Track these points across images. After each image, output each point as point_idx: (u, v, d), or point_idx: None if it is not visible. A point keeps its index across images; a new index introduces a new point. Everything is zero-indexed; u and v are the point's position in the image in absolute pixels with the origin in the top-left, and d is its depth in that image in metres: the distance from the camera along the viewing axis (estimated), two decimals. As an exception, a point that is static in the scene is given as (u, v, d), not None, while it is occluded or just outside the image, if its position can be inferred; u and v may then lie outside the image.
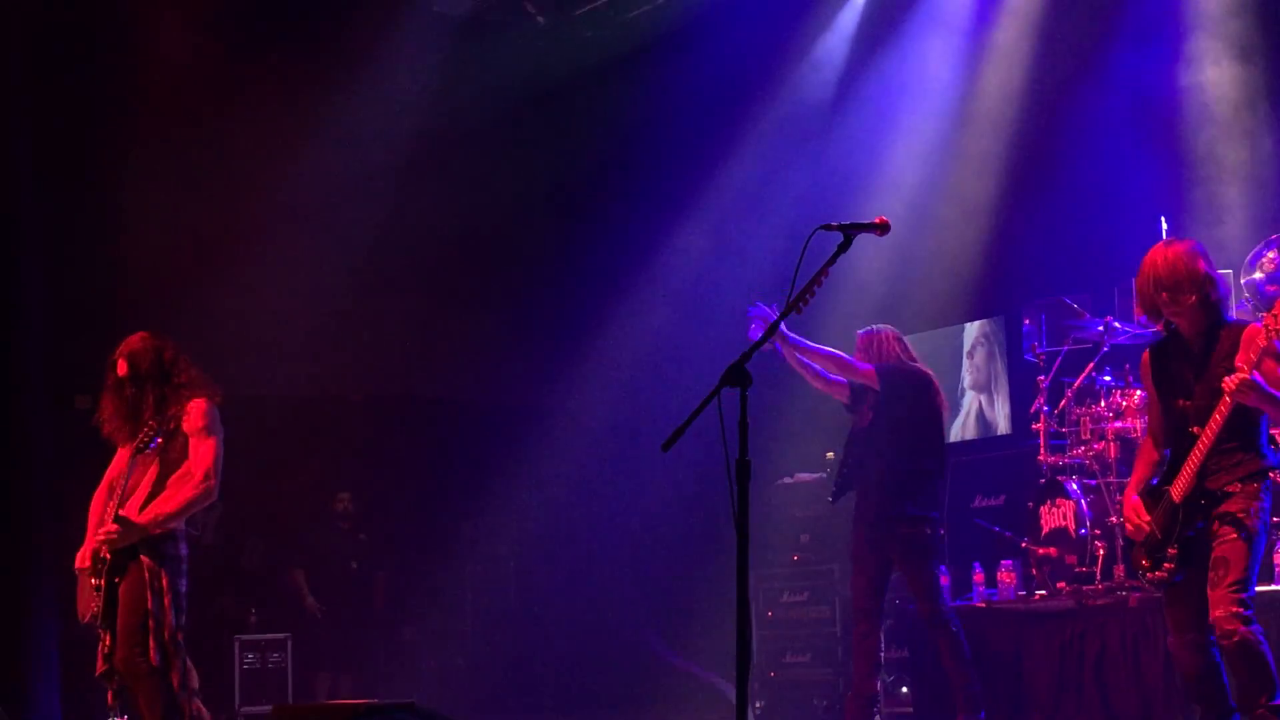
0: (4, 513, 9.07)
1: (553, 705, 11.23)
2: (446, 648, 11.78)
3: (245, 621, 11.05)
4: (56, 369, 9.57)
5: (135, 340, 6.80)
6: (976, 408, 10.63)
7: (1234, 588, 5.52)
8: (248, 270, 10.79)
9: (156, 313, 10.33)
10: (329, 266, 11.05)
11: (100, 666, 6.67)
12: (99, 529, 6.56)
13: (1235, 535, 5.56)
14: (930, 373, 7.99)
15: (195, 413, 6.63)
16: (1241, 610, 5.51)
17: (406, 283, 11.31)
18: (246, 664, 10.60)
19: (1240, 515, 5.58)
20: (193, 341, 8.64)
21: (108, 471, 6.90)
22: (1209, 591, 5.58)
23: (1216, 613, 5.54)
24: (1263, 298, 7.81)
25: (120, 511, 6.50)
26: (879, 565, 7.76)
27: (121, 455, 6.86)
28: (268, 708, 9.95)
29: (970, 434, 10.62)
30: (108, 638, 6.60)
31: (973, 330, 10.65)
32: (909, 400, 7.73)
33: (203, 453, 6.59)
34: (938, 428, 7.89)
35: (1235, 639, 5.51)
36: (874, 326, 8.01)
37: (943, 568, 8.66)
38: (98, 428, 6.86)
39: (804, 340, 7.61)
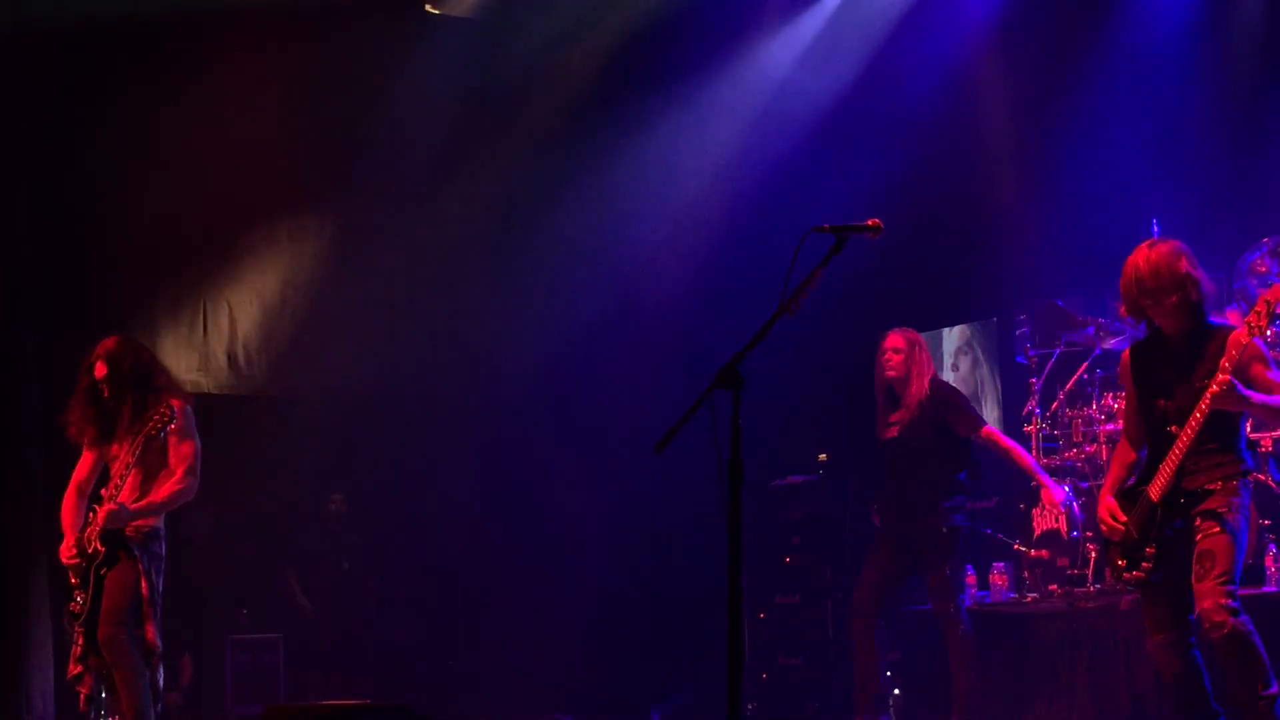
0: None
1: (544, 707, 11.22)
2: (438, 649, 11.76)
3: (237, 621, 11.03)
4: (50, 369, 9.56)
5: (111, 343, 6.91)
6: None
7: (1221, 579, 5.52)
8: (245, 271, 10.78)
9: (153, 311, 10.36)
10: (320, 270, 11.05)
11: (72, 670, 6.73)
12: (100, 510, 6.67)
13: (1219, 529, 5.57)
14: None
15: (175, 414, 6.72)
16: (1229, 601, 5.51)
17: (402, 283, 11.31)
18: (238, 664, 10.59)
19: (1221, 510, 5.59)
20: (188, 340, 8.69)
21: (74, 474, 6.99)
22: (1195, 584, 5.58)
23: (1205, 604, 5.54)
24: (1254, 302, 7.82)
25: (119, 498, 6.65)
26: (896, 569, 7.93)
27: (87, 458, 6.96)
28: (259, 708, 9.94)
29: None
30: (81, 639, 6.68)
31: (954, 337, 10.63)
32: (949, 416, 7.91)
33: (184, 452, 6.78)
34: (970, 442, 8.00)
35: (1225, 630, 5.51)
36: (908, 330, 8.12)
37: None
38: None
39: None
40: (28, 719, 8.84)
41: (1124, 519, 5.76)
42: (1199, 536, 5.61)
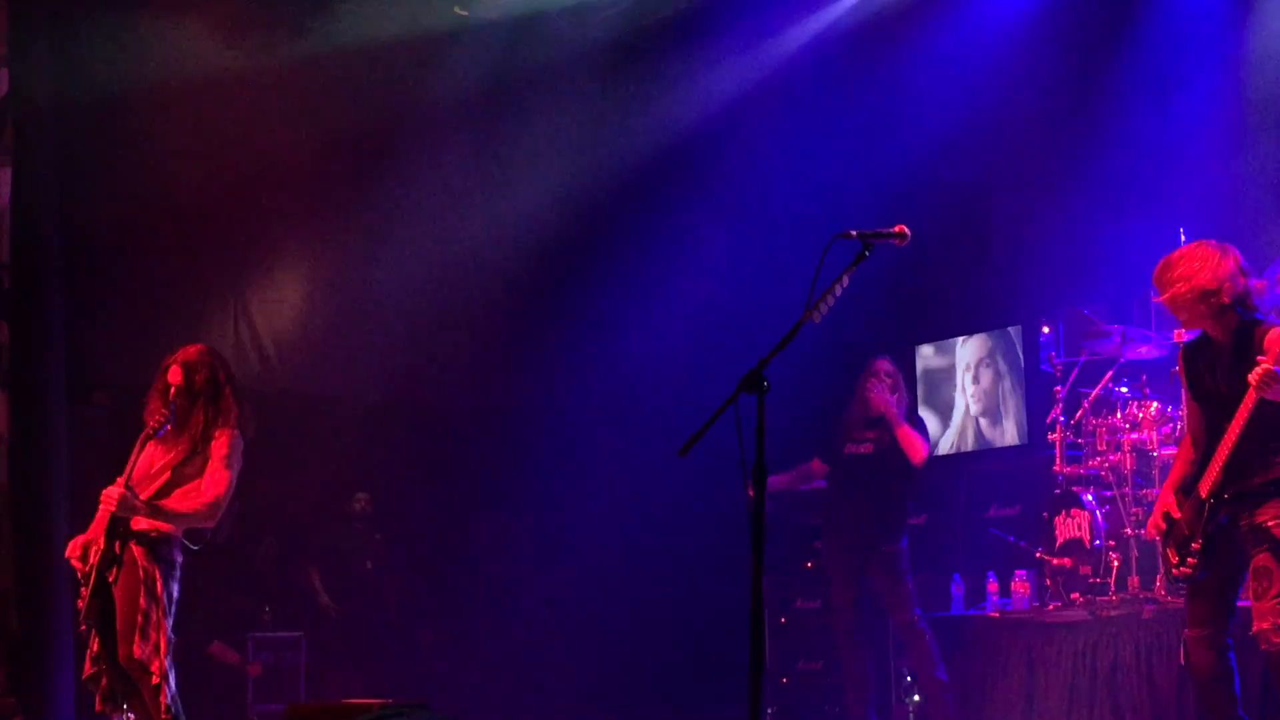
0: (22, 510, 9.10)
1: (565, 707, 11.24)
2: (460, 649, 11.79)
3: (259, 619, 11.08)
4: (75, 364, 9.60)
5: (193, 351, 6.71)
6: (975, 425, 10.61)
7: (1279, 598, 5.52)
8: (265, 269, 10.82)
9: (174, 309, 10.41)
10: (349, 269, 11.08)
11: (87, 669, 6.62)
12: (104, 491, 6.45)
13: (1275, 543, 5.56)
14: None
15: (223, 440, 6.59)
16: None
17: (425, 287, 11.34)
18: (260, 661, 10.63)
19: (1276, 523, 5.58)
20: (213, 339, 8.70)
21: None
22: (1253, 602, 5.59)
23: (1263, 625, 5.55)
24: (1280, 309, 7.80)
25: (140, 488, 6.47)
26: (862, 582, 8.33)
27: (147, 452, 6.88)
28: (280, 706, 9.97)
29: (969, 445, 10.61)
30: (95, 641, 6.59)
31: (971, 348, 10.58)
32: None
33: (217, 480, 6.56)
34: (919, 471, 8.48)
35: None
36: (884, 360, 8.58)
37: (956, 576, 8.83)
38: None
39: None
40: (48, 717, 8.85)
41: (1178, 516, 5.77)
42: (1252, 550, 5.60)
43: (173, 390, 6.62)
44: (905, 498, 8.37)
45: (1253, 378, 5.48)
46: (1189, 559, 5.70)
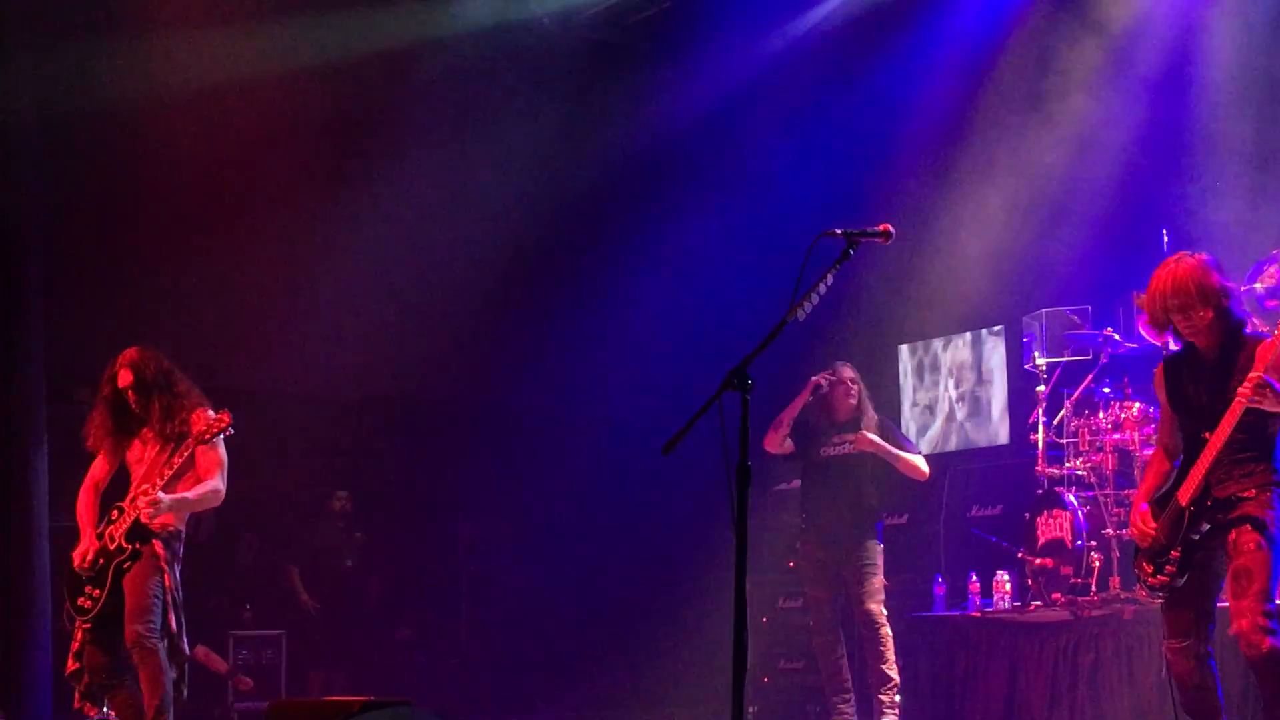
0: (2, 506, 9.09)
1: (546, 705, 11.23)
2: (440, 647, 11.78)
3: (240, 618, 11.05)
4: (56, 362, 9.58)
5: (132, 352, 6.95)
6: (957, 426, 10.63)
7: (1259, 598, 5.50)
8: (245, 267, 10.78)
9: (155, 307, 10.37)
10: (328, 269, 11.05)
11: (70, 666, 6.72)
12: (138, 499, 6.67)
13: (1255, 546, 5.54)
14: None
15: (200, 422, 6.75)
16: (1268, 621, 5.50)
17: (404, 285, 11.32)
18: (241, 660, 10.61)
19: (1259, 525, 5.57)
20: (193, 337, 8.70)
21: (91, 473, 6.99)
22: (1232, 602, 5.57)
23: (1242, 624, 5.52)
24: (1263, 311, 7.82)
25: (161, 489, 6.64)
26: (838, 578, 8.42)
27: (104, 457, 6.96)
28: (261, 704, 9.95)
29: (951, 446, 10.63)
30: (80, 636, 6.66)
31: (952, 352, 10.58)
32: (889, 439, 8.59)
33: (212, 459, 6.80)
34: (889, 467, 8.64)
35: (1264, 649, 5.49)
36: (846, 366, 8.71)
37: (938, 576, 8.88)
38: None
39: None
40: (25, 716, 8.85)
41: (1154, 525, 5.75)
42: (1233, 550, 5.58)
43: (130, 394, 6.74)
44: (879, 496, 8.52)
45: (1245, 388, 5.47)
46: (1166, 566, 5.69)
